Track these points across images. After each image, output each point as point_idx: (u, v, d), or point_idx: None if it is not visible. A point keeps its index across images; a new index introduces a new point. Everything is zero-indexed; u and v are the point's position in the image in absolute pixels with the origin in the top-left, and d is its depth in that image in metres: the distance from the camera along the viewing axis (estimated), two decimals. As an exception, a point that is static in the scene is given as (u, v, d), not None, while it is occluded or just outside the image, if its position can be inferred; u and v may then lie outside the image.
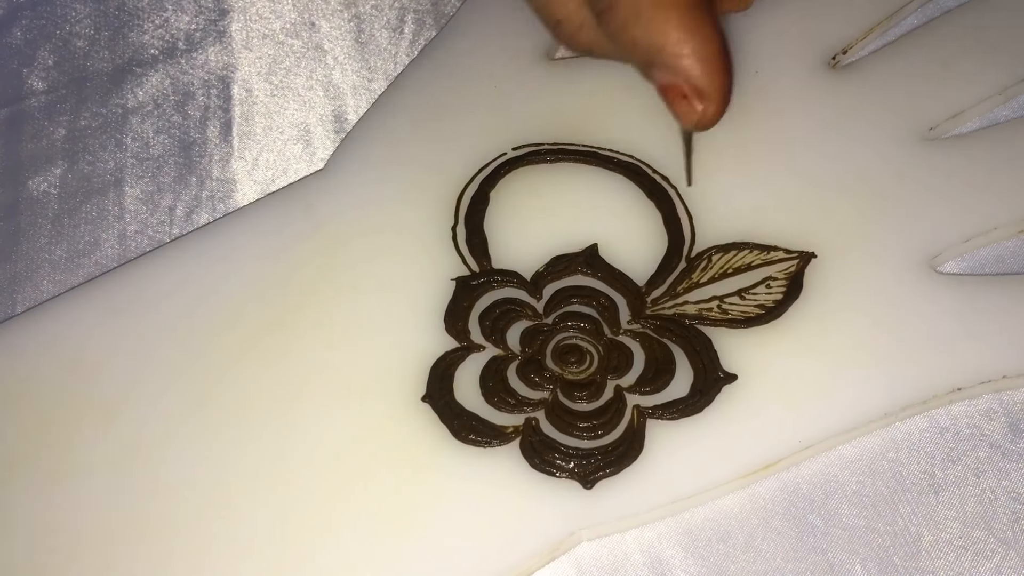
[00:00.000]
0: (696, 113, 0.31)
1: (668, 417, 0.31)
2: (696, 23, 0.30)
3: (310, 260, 0.34)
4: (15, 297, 0.36)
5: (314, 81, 0.40)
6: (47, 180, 0.38)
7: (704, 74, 0.31)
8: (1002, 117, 0.37)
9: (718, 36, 0.31)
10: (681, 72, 0.30)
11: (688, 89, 0.31)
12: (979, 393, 0.32)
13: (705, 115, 0.31)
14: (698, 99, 0.31)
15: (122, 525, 0.30)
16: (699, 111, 0.31)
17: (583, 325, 0.33)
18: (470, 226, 0.35)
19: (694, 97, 0.31)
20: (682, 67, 0.30)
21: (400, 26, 0.41)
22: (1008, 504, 0.31)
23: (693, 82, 0.31)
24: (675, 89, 0.31)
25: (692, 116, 0.31)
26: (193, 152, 0.39)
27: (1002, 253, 0.35)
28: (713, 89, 0.31)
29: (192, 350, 0.33)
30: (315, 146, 0.39)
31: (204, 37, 0.41)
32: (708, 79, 0.31)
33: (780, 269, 0.34)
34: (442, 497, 0.31)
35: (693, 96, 0.31)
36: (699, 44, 0.30)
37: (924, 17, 0.39)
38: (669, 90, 0.31)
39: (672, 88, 0.31)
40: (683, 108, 0.31)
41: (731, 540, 0.31)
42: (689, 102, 0.31)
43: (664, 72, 0.31)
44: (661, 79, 0.31)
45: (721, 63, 0.31)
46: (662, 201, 0.35)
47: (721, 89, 0.31)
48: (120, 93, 0.40)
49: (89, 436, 0.32)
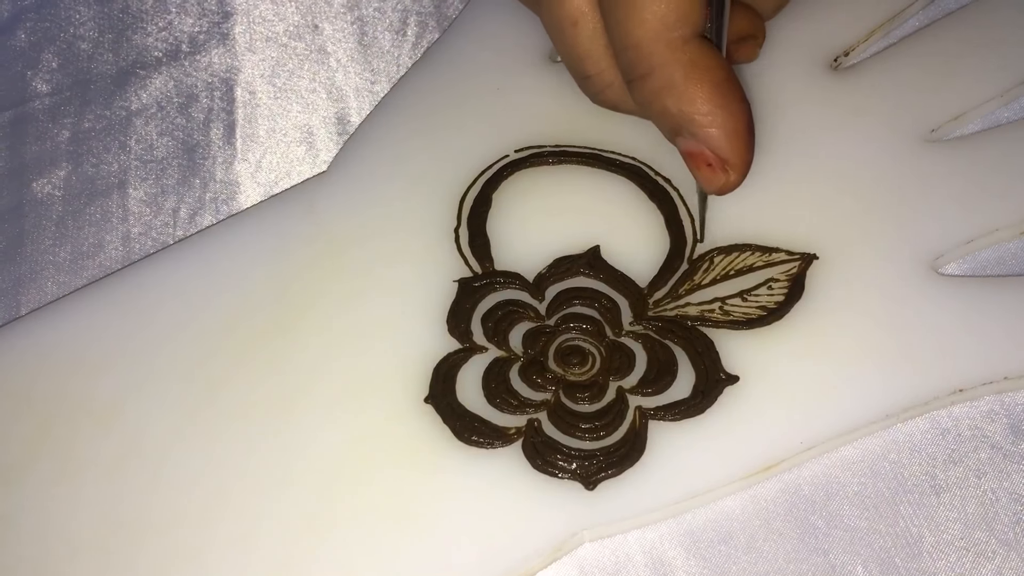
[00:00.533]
0: (720, 181, 0.32)
1: (670, 418, 0.31)
2: (726, 98, 0.31)
3: (313, 262, 0.34)
4: (19, 299, 0.36)
5: (317, 83, 0.40)
6: (51, 182, 0.38)
7: (731, 147, 0.31)
8: (1004, 119, 0.37)
9: (746, 109, 0.32)
10: (708, 143, 0.31)
11: (713, 159, 0.31)
12: (981, 394, 0.32)
13: (728, 183, 0.32)
14: (722, 169, 0.32)
15: (124, 526, 0.30)
16: (722, 180, 0.32)
17: (585, 327, 0.33)
18: (472, 228, 0.35)
19: (718, 167, 0.31)
20: (710, 139, 0.31)
21: (403, 28, 0.41)
22: (1009, 505, 0.31)
23: (720, 153, 0.31)
24: (701, 157, 0.32)
25: (716, 183, 0.32)
26: (196, 154, 0.39)
27: (1004, 255, 0.35)
28: (738, 160, 0.31)
29: (195, 351, 0.33)
30: (318, 148, 0.39)
31: (208, 40, 0.41)
32: (734, 152, 0.31)
33: (782, 271, 0.34)
34: (444, 498, 0.31)
35: (717, 166, 0.31)
36: (728, 118, 0.31)
37: (926, 19, 0.39)
38: (694, 157, 0.32)
39: (697, 156, 0.32)
40: (706, 175, 0.32)
41: (733, 541, 0.31)
42: (713, 170, 0.32)
43: (691, 141, 0.31)
44: (687, 147, 0.32)
45: (748, 137, 0.32)
46: (664, 203, 0.35)
47: (745, 161, 0.32)
48: (124, 95, 0.40)
49: (92, 437, 0.32)
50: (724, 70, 0.31)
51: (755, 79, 0.37)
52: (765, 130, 0.36)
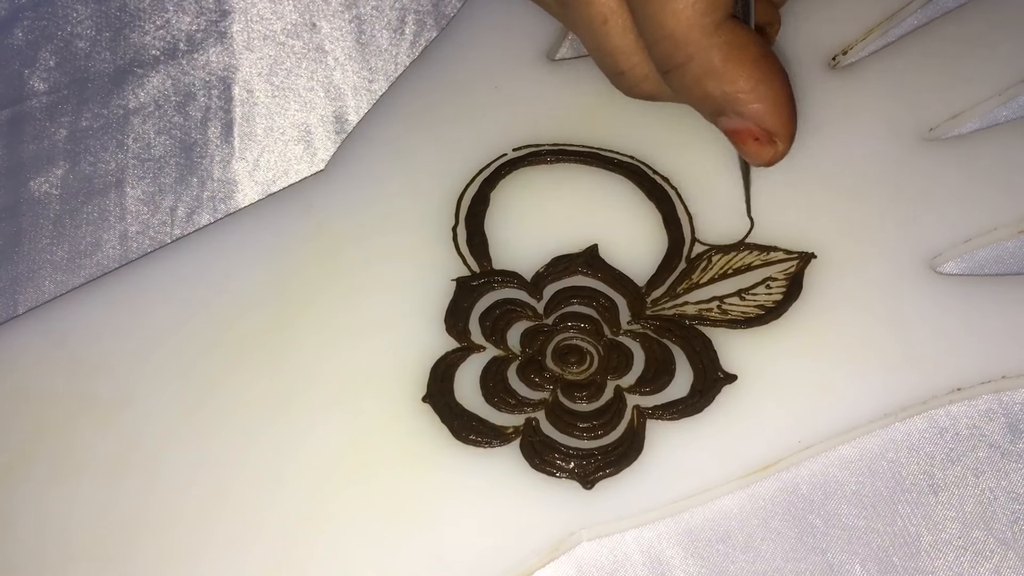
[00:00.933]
0: (768, 153, 0.32)
1: (668, 417, 0.31)
2: (766, 72, 0.31)
3: (311, 261, 0.34)
4: (17, 298, 0.36)
5: (315, 82, 0.40)
6: (48, 181, 0.38)
7: (776, 118, 0.32)
8: (1002, 117, 0.37)
9: (786, 80, 0.32)
10: (753, 116, 0.32)
11: (760, 132, 0.32)
12: (979, 393, 0.32)
13: (777, 153, 0.33)
14: (769, 141, 0.32)
15: (122, 525, 0.30)
16: (771, 151, 0.32)
17: (583, 325, 0.33)
18: (470, 227, 0.35)
19: (765, 140, 0.32)
20: (755, 114, 0.32)
21: (401, 27, 0.41)
22: (1007, 504, 0.31)
23: (766, 126, 0.32)
24: (747, 132, 0.32)
25: (764, 156, 0.33)
26: (194, 153, 0.39)
27: (1002, 253, 0.35)
28: (785, 130, 0.32)
29: (193, 350, 0.33)
30: (316, 147, 0.39)
31: (205, 38, 0.41)
32: (780, 122, 0.32)
33: (780, 270, 0.34)
34: (442, 497, 0.31)
35: (764, 139, 0.32)
36: (769, 91, 0.31)
37: (924, 18, 0.39)
38: (741, 134, 0.32)
39: (743, 132, 0.32)
40: (755, 149, 0.32)
41: (731, 540, 0.31)
42: (761, 143, 0.32)
43: (735, 119, 0.32)
44: (732, 125, 0.32)
45: (791, 106, 0.32)
46: (662, 202, 0.35)
47: (791, 129, 0.32)
48: (121, 94, 0.40)
49: (90, 436, 0.32)
50: (759, 45, 0.32)
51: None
52: (763, 129, 0.36)
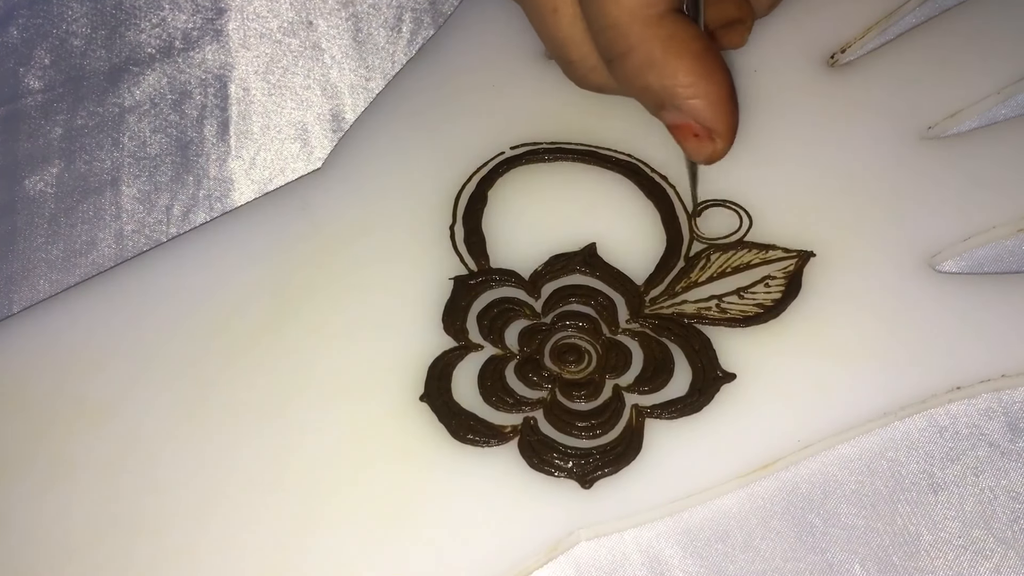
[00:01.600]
0: (708, 150, 0.33)
1: (667, 416, 0.31)
2: (706, 67, 0.31)
3: (308, 259, 0.34)
4: (11, 297, 0.36)
5: (311, 80, 0.40)
6: (43, 179, 0.38)
7: (715, 115, 0.32)
8: (1000, 116, 0.37)
9: (727, 77, 0.32)
10: (693, 113, 0.32)
11: (699, 129, 0.32)
12: (978, 392, 0.32)
13: (715, 151, 0.33)
14: (708, 138, 0.32)
15: (117, 525, 0.30)
16: (710, 148, 0.32)
17: (581, 324, 0.33)
18: (468, 225, 0.35)
19: (705, 136, 0.32)
20: (694, 108, 0.32)
21: (398, 25, 0.41)
22: (1007, 503, 0.31)
23: (704, 123, 0.32)
24: (686, 128, 0.32)
25: (703, 153, 0.33)
26: (190, 151, 0.39)
27: (1001, 252, 0.35)
28: (724, 128, 0.32)
29: (189, 350, 0.33)
30: (312, 145, 0.39)
31: (201, 36, 0.41)
32: (719, 119, 0.32)
33: (779, 268, 0.34)
34: (440, 497, 0.30)
35: (704, 135, 0.32)
36: (710, 87, 0.31)
37: (922, 16, 0.39)
38: (681, 129, 0.32)
39: (684, 127, 0.32)
40: (694, 145, 0.33)
41: (730, 540, 0.31)
42: (700, 140, 0.32)
43: (675, 113, 0.32)
44: (672, 119, 0.32)
45: (731, 104, 0.32)
46: (660, 200, 0.35)
47: (731, 127, 0.32)
48: (117, 92, 0.40)
49: (85, 436, 0.32)
50: (701, 41, 0.32)
51: (751, 76, 0.37)
52: (761, 127, 0.36)
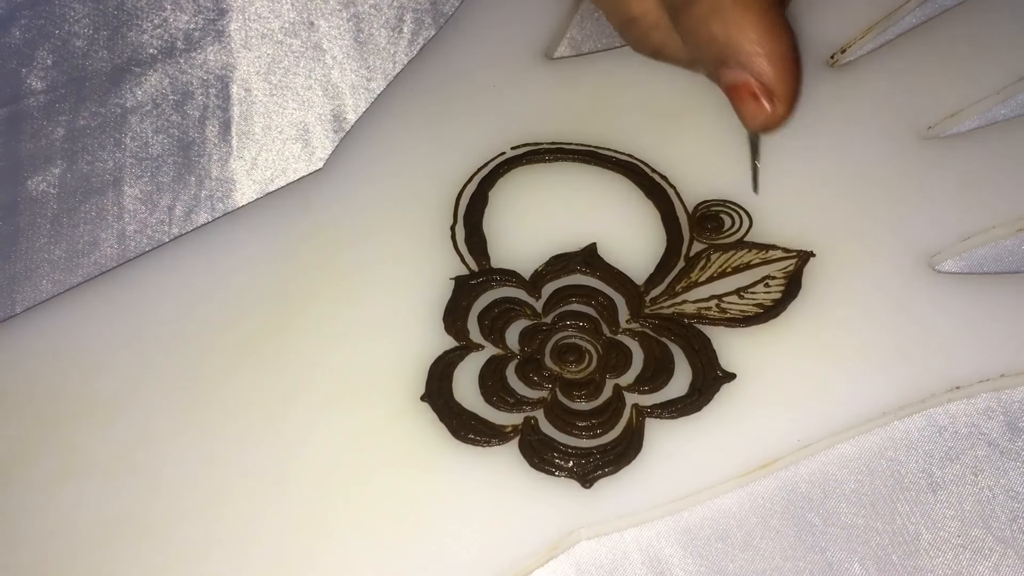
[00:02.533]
0: (765, 113, 0.31)
1: (667, 416, 0.31)
2: (774, 24, 0.31)
3: (309, 259, 0.34)
4: (14, 297, 0.36)
5: (313, 80, 0.40)
6: (46, 180, 0.38)
7: (777, 75, 0.31)
8: (1000, 116, 0.37)
9: (793, 38, 0.31)
10: (755, 70, 0.31)
11: (759, 88, 0.31)
12: (977, 392, 0.32)
13: (774, 116, 0.31)
14: (768, 99, 0.31)
15: (121, 525, 0.30)
16: (768, 112, 0.31)
17: (582, 324, 0.33)
18: (469, 225, 0.35)
19: (764, 97, 0.31)
20: (756, 65, 0.31)
21: (399, 25, 0.41)
22: (1006, 503, 0.31)
23: (765, 81, 0.31)
24: (746, 87, 0.31)
25: (760, 116, 0.31)
26: (192, 152, 0.39)
27: (1000, 252, 0.35)
28: (784, 90, 0.31)
29: (191, 350, 0.33)
30: (314, 145, 0.39)
31: (203, 37, 0.41)
32: (780, 80, 0.31)
33: (779, 268, 0.34)
34: (441, 496, 0.30)
35: (763, 96, 0.31)
36: (775, 45, 0.31)
37: (922, 16, 0.39)
38: (739, 89, 0.31)
39: (743, 87, 0.31)
40: (751, 108, 0.31)
41: (730, 539, 0.31)
42: (758, 102, 0.31)
43: (737, 71, 0.31)
44: (733, 78, 0.31)
45: (794, 66, 0.31)
46: (661, 200, 0.35)
47: (792, 92, 0.31)
48: (119, 93, 0.40)
49: (88, 436, 0.32)
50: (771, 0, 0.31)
51: (752, 76, 0.37)
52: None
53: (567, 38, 0.40)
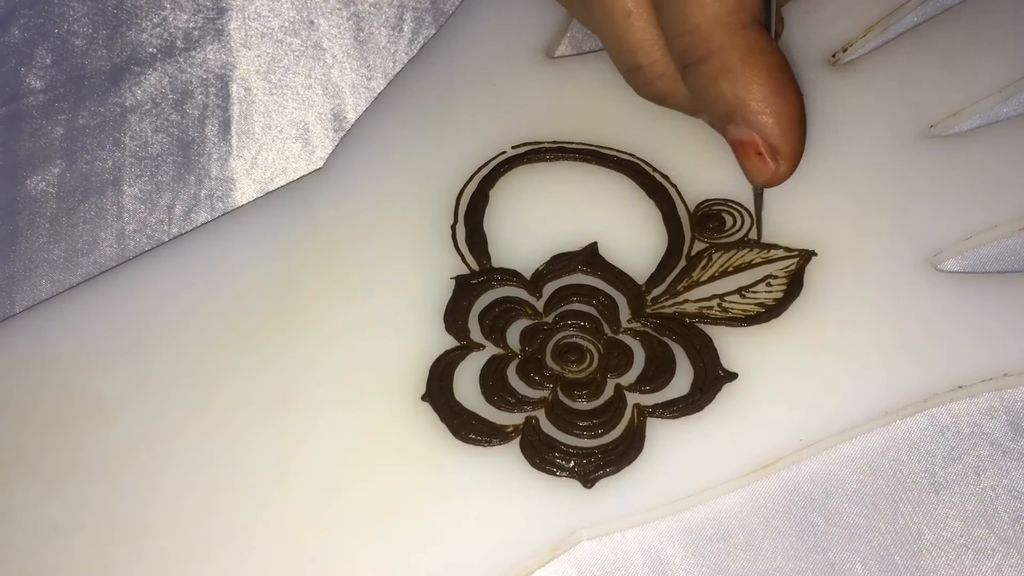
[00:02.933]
0: (769, 171, 0.32)
1: (668, 416, 0.31)
2: (782, 85, 0.31)
3: (309, 259, 0.34)
4: (13, 297, 0.36)
5: (313, 79, 0.40)
6: (45, 179, 0.38)
7: (783, 135, 0.31)
8: (1002, 114, 0.37)
9: (800, 100, 0.31)
10: (761, 130, 0.31)
11: (764, 147, 0.31)
12: (980, 391, 0.32)
13: (777, 174, 0.32)
14: (772, 158, 0.31)
15: (121, 525, 0.30)
16: (772, 169, 0.32)
17: (583, 324, 0.33)
18: (469, 225, 0.35)
19: (768, 155, 0.31)
20: (763, 125, 0.31)
21: (399, 24, 0.41)
22: (1009, 502, 0.31)
23: (771, 141, 0.31)
24: (751, 146, 0.31)
25: (764, 173, 0.32)
26: (192, 151, 0.39)
27: (1003, 251, 0.35)
28: (789, 150, 0.31)
29: (191, 350, 0.33)
30: (314, 145, 0.39)
31: (202, 35, 0.41)
32: (786, 140, 0.31)
33: (780, 267, 0.34)
34: (442, 497, 0.30)
35: (768, 154, 0.31)
36: (782, 105, 0.31)
37: (924, 15, 0.39)
38: (745, 146, 0.32)
39: (749, 144, 0.31)
40: (756, 164, 0.32)
41: (732, 539, 0.31)
42: (763, 159, 0.31)
43: (743, 129, 0.31)
44: (739, 135, 0.31)
45: (800, 127, 0.31)
46: (662, 199, 0.35)
47: (796, 151, 0.31)
48: (118, 92, 0.40)
49: (88, 436, 0.32)
50: (780, 57, 0.31)
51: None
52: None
53: (568, 37, 0.40)
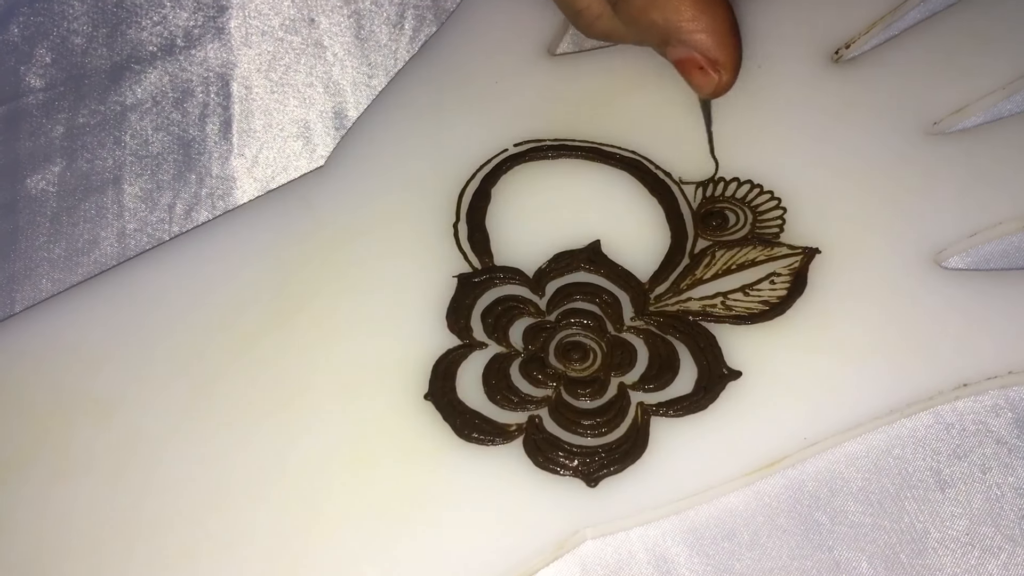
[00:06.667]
0: (712, 82, 0.34)
1: (672, 414, 0.31)
2: (708, 2, 0.33)
3: (310, 257, 0.34)
4: (14, 296, 0.36)
5: (314, 78, 0.40)
6: (45, 178, 0.38)
7: (718, 46, 0.34)
8: (1006, 111, 0.37)
9: (729, 11, 0.34)
10: (697, 46, 0.33)
11: (704, 61, 0.34)
12: (985, 389, 0.32)
13: (720, 83, 0.34)
14: (713, 70, 0.34)
15: (120, 523, 0.30)
16: (715, 80, 0.34)
17: (586, 322, 0.33)
18: (472, 223, 0.35)
19: (709, 68, 0.34)
20: (698, 41, 0.33)
21: (400, 22, 0.41)
22: (1015, 500, 0.31)
23: (708, 54, 0.34)
24: (691, 61, 0.34)
25: (709, 85, 0.34)
26: (192, 149, 0.38)
27: (1007, 248, 0.35)
28: (727, 59, 0.34)
29: (192, 348, 0.33)
30: (315, 143, 0.38)
31: (203, 34, 0.41)
32: (722, 50, 0.34)
33: (784, 265, 0.33)
34: (445, 496, 0.30)
35: (709, 67, 0.34)
36: (711, 20, 0.33)
37: (927, 11, 0.39)
38: (686, 63, 0.34)
39: (688, 61, 0.34)
40: (699, 79, 0.34)
41: (736, 538, 0.31)
42: (705, 73, 0.34)
43: (680, 47, 0.34)
44: (678, 54, 0.34)
45: (733, 35, 0.34)
46: (664, 197, 0.35)
47: (734, 59, 0.34)
48: (118, 90, 0.40)
49: (88, 435, 0.32)
50: None
51: (756, 72, 0.37)
52: (765, 123, 0.36)
53: (569, 34, 0.39)
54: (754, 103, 0.36)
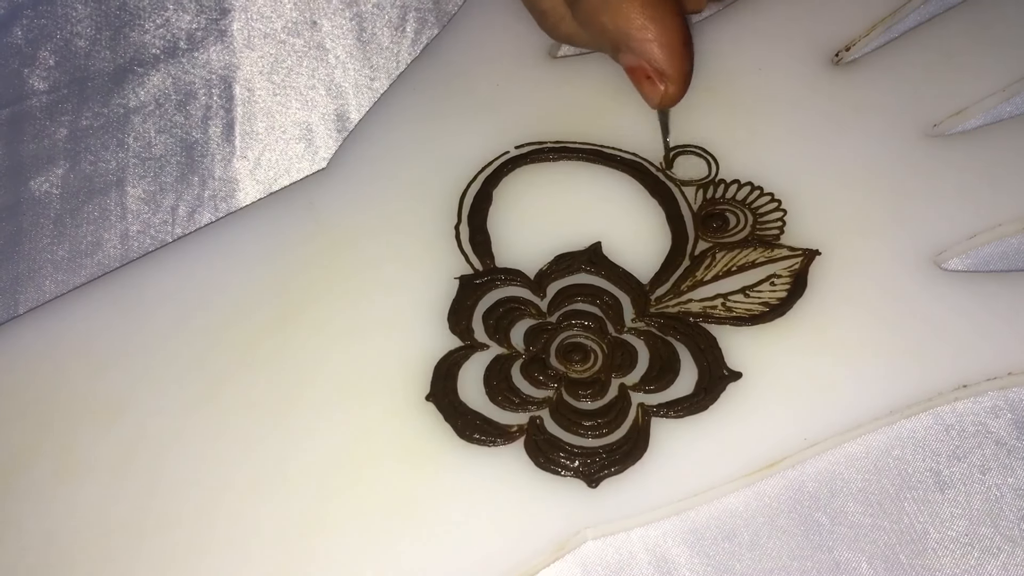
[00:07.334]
0: (659, 93, 0.34)
1: (673, 415, 0.31)
2: (658, 11, 0.33)
3: (313, 259, 0.34)
4: (17, 297, 0.36)
5: (316, 80, 0.40)
6: (49, 180, 0.38)
7: (666, 58, 0.33)
8: (1006, 113, 0.37)
9: (680, 23, 0.34)
10: (645, 55, 0.33)
11: (652, 71, 0.34)
12: (984, 390, 0.32)
13: (667, 95, 0.34)
14: (660, 80, 0.34)
15: (123, 525, 0.30)
16: (661, 91, 0.34)
17: (587, 323, 0.33)
18: (473, 225, 0.35)
19: (657, 78, 0.34)
20: (646, 51, 0.33)
21: (402, 25, 0.41)
22: (1014, 501, 0.31)
23: (655, 64, 0.33)
24: (640, 71, 0.34)
25: (656, 96, 0.34)
26: (195, 152, 0.39)
27: (1007, 249, 0.35)
28: (675, 71, 0.34)
29: (195, 350, 0.33)
30: (317, 145, 0.39)
31: (205, 36, 0.41)
32: (670, 62, 0.33)
33: (784, 266, 0.34)
34: (446, 496, 0.30)
35: (656, 77, 0.34)
36: (661, 31, 0.33)
37: (927, 14, 0.39)
38: (635, 71, 0.34)
39: (637, 70, 0.34)
40: (647, 88, 0.34)
41: (737, 538, 0.31)
42: (653, 83, 0.34)
43: (630, 55, 0.34)
44: (627, 62, 0.34)
45: (682, 48, 0.34)
46: (665, 199, 0.35)
47: (682, 72, 0.34)
48: (122, 93, 0.40)
49: (91, 436, 0.32)
50: None
51: (756, 74, 0.37)
52: (765, 125, 0.36)
53: (570, 37, 0.40)
54: (755, 105, 0.36)
